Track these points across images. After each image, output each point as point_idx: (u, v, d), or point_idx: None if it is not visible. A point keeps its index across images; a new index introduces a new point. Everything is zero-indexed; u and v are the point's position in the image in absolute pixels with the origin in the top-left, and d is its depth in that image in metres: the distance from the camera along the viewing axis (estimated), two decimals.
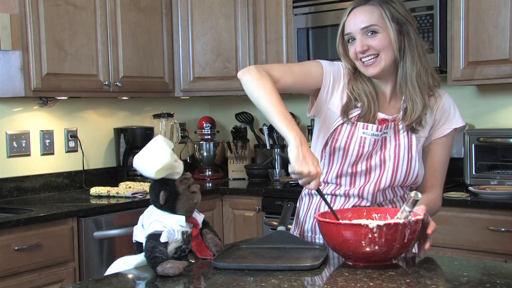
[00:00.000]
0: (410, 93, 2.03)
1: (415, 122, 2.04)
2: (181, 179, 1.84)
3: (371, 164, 2.05)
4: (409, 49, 2.03)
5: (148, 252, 1.75)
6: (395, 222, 1.68)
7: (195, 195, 1.86)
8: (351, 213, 1.91)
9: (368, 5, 2.03)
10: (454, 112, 2.11)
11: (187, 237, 1.85)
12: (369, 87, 2.06)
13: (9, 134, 3.60)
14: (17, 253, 2.88)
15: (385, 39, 2.01)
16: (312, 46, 3.81)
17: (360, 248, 1.67)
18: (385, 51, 2.01)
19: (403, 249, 1.72)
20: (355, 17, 2.03)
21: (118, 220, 3.32)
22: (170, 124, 4.26)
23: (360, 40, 2.02)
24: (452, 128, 2.09)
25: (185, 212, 1.84)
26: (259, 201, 3.74)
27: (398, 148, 2.05)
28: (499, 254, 2.96)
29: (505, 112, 3.62)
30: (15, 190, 3.61)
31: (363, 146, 2.03)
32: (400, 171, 2.05)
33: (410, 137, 2.05)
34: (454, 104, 2.12)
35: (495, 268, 1.76)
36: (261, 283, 1.61)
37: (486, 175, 3.40)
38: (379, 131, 2.03)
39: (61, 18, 3.44)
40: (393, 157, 2.04)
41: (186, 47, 4.15)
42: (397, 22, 2.02)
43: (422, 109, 2.02)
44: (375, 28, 2.01)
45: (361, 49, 2.01)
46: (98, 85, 3.65)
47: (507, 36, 3.21)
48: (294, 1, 3.89)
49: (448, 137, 2.10)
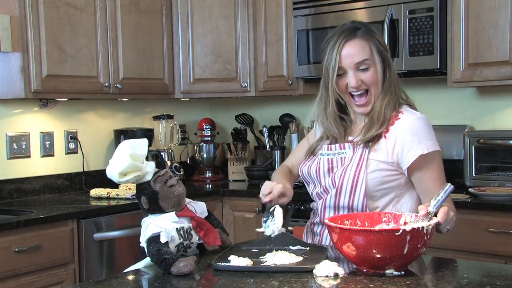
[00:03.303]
0: (372, 116, 2.08)
1: (369, 140, 2.05)
2: (155, 178, 1.85)
3: (327, 183, 2.10)
4: (389, 81, 2.09)
5: (155, 256, 1.74)
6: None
7: (174, 188, 1.85)
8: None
9: (358, 39, 2.06)
10: (420, 138, 2.01)
11: (184, 233, 1.84)
12: (341, 124, 2.15)
13: (9, 136, 3.60)
14: (17, 255, 2.88)
15: (375, 74, 2.07)
16: (312, 48, 3.81)
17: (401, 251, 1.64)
18: (374, 86, 2.08)
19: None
20: (349, 51, 2.05)
21: (118, 222, 3.32)
22: (170, 126, 4.26)
23: (353, 75, 2.06)
24: (417, 155, 2.00)
25: (172, 207, 1.84)
26: (259, 203, 3.74)
27: (346, 168, 2.06)
28: (499, 256, 2.95)
29: (505, 114, 3.62)
30: (15, 191, 3.61)
31: (319, 165, 2.13)
32: (344, 191, 2.05)
33: (363, 155, 2.05)
34: (423, 128, 2.03)
35: (495, 270, 1.76)
36: (261, 284, 1.61)
37: (486, 176, 3.40)
38: (329, 150, 2.12)
39: (61, 19, 3.44)
40: (340, 177, 2.06)
41: (186, 49, 4.15)
42: (381, 54, 2.08)
43: (380, 126, 2.05)
44: (367, 63, 2.06)
45: (356, 84, 2.06)
46: (98, 87, 3.65)
47: (507, 37, 3.21)
48: (294, 2, 3.89)
49: (423, 167, 2.01)
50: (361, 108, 2.10)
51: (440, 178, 2.04)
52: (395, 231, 1.60)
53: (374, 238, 1.61)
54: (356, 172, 2.03)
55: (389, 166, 2.04)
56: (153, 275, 1.76)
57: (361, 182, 2.02)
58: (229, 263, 1.77)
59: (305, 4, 3.84)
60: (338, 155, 2.10)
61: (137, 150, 1.82)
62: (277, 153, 4.27)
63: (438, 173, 2.05)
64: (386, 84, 2.09)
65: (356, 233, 1.65)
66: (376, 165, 2.03)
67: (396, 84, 2.11)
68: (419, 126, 2.04)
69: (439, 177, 2.05)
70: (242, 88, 4.19)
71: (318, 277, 1.66)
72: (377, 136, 2.05)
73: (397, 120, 2.06)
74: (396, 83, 2.11)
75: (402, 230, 1.60)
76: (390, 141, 2.04)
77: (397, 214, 1.84)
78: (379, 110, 2.07)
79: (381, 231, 1.63)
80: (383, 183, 2.04)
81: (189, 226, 1.86)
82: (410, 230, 1.60)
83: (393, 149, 2.03)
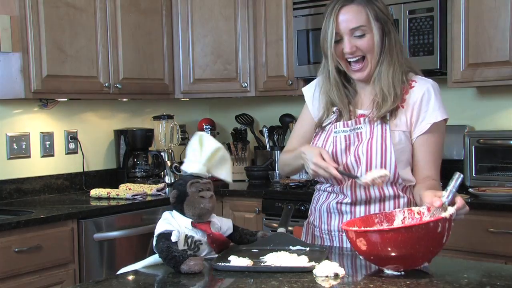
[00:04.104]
0: (382, 89, 2.06)
1: (387, 114, 2.05)
2: (193, 182, 1.86)
3: (349, 161, 2.08)
4: (388, 48, 2.07)
5: (165, 252, 1.75)
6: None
7: (203, 200, 1.86)
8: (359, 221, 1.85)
9: (354, 4, 2.05)
10: (433, 106, 2.06)
11: (192, 242, 1.84)
12: (344, 92, 2.13)
13: (9, 136, 3.60)
14: (17, 255, 2.88)
15: (371, 41, 2.05)
16: (312, 48, 3.81)
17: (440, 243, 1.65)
18: (370, 53, 2.06)
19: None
20: (344, 17, 2.04)
21: (118, 222, 3.32)
22: (170, 126, 4.26)
23: (348, 40, 2.05)
24: (431, 123, 2.05)
25: (192, 215, 1.85)
26: (259, 203, 3.74)
27: (370, 142, 2.05)
28: (499, 256, 2.95)
29: (505, 114, 3.62)
30: (15, 191, 3.61)
31: (336, 144, 2.09)
32: (374, 165, 2.04)
33: (384, 129, 2.05)
34: (436, 96, 2.07)
35: (495, 270, 1.76)
36: (261, 284, 1.61)
37: (486, 177, 3.40)
38: (346, 127, 2.09)
39: (61, 20, 3.44)
40: (366, 152, 2.05)
41: (186, 49, 4.15)
42: (380, 21, 2.05)
43: (392, 101, 2.04)
44: (363, 29, 2.05)
45: (350, 50, 2.06)
46: (98, 87, 3.65)
47: (507, 38, 3.21)
48: (294, 2, 3.89)
49: (430, 132, 2.06)
50: (358, 74, 2.09)
51: (438, 151, 2.09)
52: (435, 225, 1.61)
53: (415, 235, 1.59)
54: (383, 144, 2.03)
55: (408, 135, 2.07)
56: (154, 276, 1.75)
57: (389, 154, 2.03)
58: (229, 263, 1.77)
59: (305, 4, 3.84)
60: (354, 130, 2.09)
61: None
62: (277, 153, 4.27)
63: (439, 143, 2.09)
64: (385, 51, 2.06)
65: (395, 232, 1.61)
66: (399, 136, 2.05)
67: (400, 52, 2.09)
68: (433, 94, 2.07)
69: (437, 149, 2.08)
70: (242, 88, 4.19)
71: (318, 277, 1.66)
72: (394, 108, 2.05)
73: (411, 89, 2.08)
74: (399, 51, 2.08)
75: (441, 220, 1.60)
76: (408, 110, 2.06)
77: (387, 213, 1.84)
78: (388, 83, 2.06)
79: (421, 224, 1.62)
80: (405, 152, 2.06)
81: (200, 239, 1.86)
82: (448, 219, 1.62)
83: (411, 117, 2.06)
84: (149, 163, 4.16)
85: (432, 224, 1.61)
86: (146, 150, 4.16)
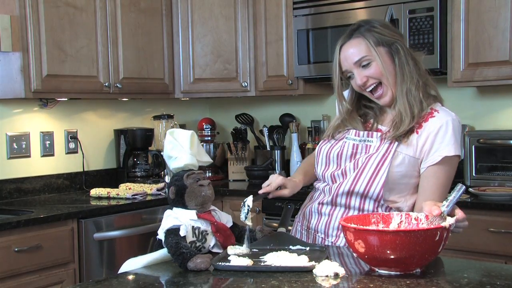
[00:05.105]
0: (399, 109, 2.07)
1: (401, 135, 2.05)
2: (189, 174, 1.90)
3: (347, 167, 2.11)
4: (399, 67, 2.07)
5: (173, 248, 1.77)
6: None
7: (203, 188, 1.89)
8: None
9: (353, 39, 2.09)
10: (449, 140, 2.03)
11: (199, 233, 1.87)
12: (355, 121, 2.18)
13: (9, 136, 3.60)
14: (17, 255, 2.88)
15: (377, 67, 2.07)
16: (312, 48, 3.81)
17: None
18: (384, 77, 2.07)
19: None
20: (345, 54, 2.09)
21: (118, 222, 3.32)
22: (170, 126, 4.25)
23: (357, 73, 2.09)
24: (443, 155, 2.02)
25: (195, 206, 1.88)
26: (259, 203, 3.74)
27: (370, 157, 2.07)
28: (500, 256, 2.95)
29: (505, 113, 3.62)
30: (15, 191, 3.61)
31: (343, 148, 2.14)
32: (362, 179, 2.06)
33: (389, 149, 2.05)
34: (454, 131, 2.04)
35: (495, 269, 1.76)
36: (261, 284, 1.61)
37: (487, 176, 3.40)
38: (357, 136, 2.13)
39: (61, 19, 3.44)
40: (361, 164, 2.07)
41: (186, 49, 4.15)
42: (384, 45, 2.07)
43: (409, 121, 2.04)
44: (367, 58, 2.07)
45: (361, 82, 2.09)
46: (98, 87, 3.65)
47: (507, 37, 3.21)
48: (294, 2, 3.89)
49: (441, 164, 2.03)
50: (381, 100, 2.11)
51: (446, 185, 2.06)
52: (435, 233, 1.61)
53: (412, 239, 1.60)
54: (381, 161, 2.04)
55: (414, 162, 2.05)
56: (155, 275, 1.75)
57: (382, 172, 2.03)
58: (229, 263, 1.77)
59: (305, 4, 3.84)
60: (364, 142, 2.11)
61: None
62: (277, 153, 4.27)
63: (448, 178, 2.06)
64: (397, 71, 2.07)
65: (394, 235, 1.61)
66: (403, 159, 2.04)
67: (414, 67, 2.07)
68: (452, 128, 2.04)
69: (445, 183, 2.06)
70: (242, 88, 4.19)
71: (318, 277, 1.66)
72: (409, 130, 2.05)
73: (432, 118, 2.06)
74: (412, 67, 2.07)
75: (440, 229, 1.61)
76: (422, 138, 2.04)
77: (385, 214, 1.84)
78: (403, 103, 2.05)
79: (419, 230, 1.62)
80: (405, 177, 2.05)
81: (205, 229, 1.89)
82: (447, 229, 1.62)
83: (423, 146, 2.04)
84: (149, 163, 4.16)
85: (431, 232, 1.61)
86: (146, 150, 4.16)
